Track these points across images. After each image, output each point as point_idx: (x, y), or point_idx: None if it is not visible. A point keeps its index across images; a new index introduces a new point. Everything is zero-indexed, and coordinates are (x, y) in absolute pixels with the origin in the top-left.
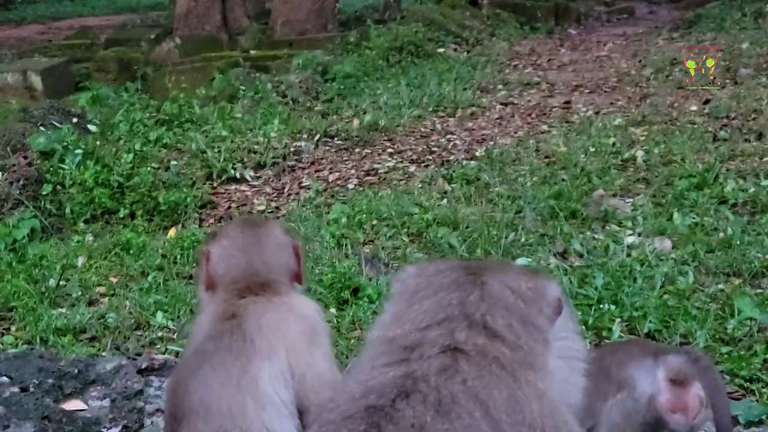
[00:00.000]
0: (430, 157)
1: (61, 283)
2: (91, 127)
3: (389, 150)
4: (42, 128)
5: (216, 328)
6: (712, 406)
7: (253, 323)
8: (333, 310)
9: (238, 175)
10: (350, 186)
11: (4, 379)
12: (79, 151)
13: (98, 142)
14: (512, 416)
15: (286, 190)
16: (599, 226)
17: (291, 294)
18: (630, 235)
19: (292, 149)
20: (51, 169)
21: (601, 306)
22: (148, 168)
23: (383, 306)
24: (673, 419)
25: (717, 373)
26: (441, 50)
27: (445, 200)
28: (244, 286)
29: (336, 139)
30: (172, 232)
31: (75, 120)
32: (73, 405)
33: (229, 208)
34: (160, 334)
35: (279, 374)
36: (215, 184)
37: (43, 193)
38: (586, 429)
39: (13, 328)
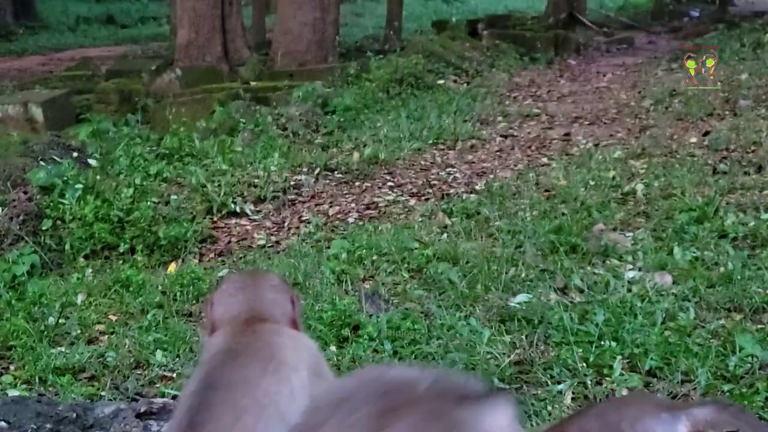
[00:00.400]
0: (430, 191)
1: (60, 321)
2: (92, 162)
3: (389, 183)
4: (42, 163)
5: (235, 341)
6: None
7: (270, 340)
8: (333, 348)
9: (238, 209)
10: (350, 220)
11: (2, 423)
12: (79, 185)
13: (98, 177)
14: None
15: (286, 224)
16: (600, 260)
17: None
18: (630, 269)
19: (292, 183)
20: (51, 204)
21: (602, 343)
22: (148, 202)
23: None
24: None
25: (753, 416)
26: (441, 82)
27: (445, 235)
28: (245, 320)
29: (336, 172)
30: (172, 267)
31: (75, 154)
32: None
33: (230, 242)
34: (159, 372)
35: (304, 386)
36: (215, 219)
37: (43, 228)
38: None
39: (11, 368)
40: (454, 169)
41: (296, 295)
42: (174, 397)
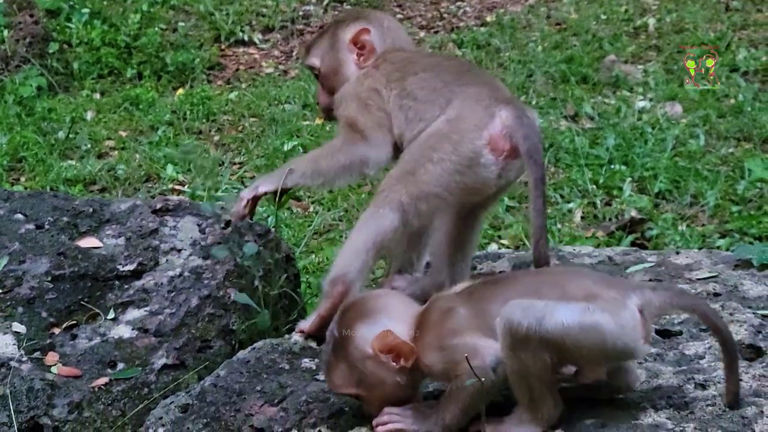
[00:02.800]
0: (440, 24)
1: (70, 136)
2: None
3: (399, 16)
4: None
5: None
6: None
7: None
8: None
9: (246, 38)
10: None
11: (19, 216)
12: (85, 10)
13: (105, 2)
14: None
15: (294, 53)
16: (610, 90)
17: None
18: (641, 100)
19: (300, 13)
20: (58, 27)
21: (612, 166)
22: (156, 29)
23: None
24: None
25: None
26: None
27: None
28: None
29: (345, 3)
30: (180, 92)
31: None
32: (88, 242)
33: (237, 70)
34: (170, 186)
35: None
36: (223, 47)
37: (50, 51)
38: None
39: (22, 179)
40: (464, 3)
41: None
42: (192, 197)
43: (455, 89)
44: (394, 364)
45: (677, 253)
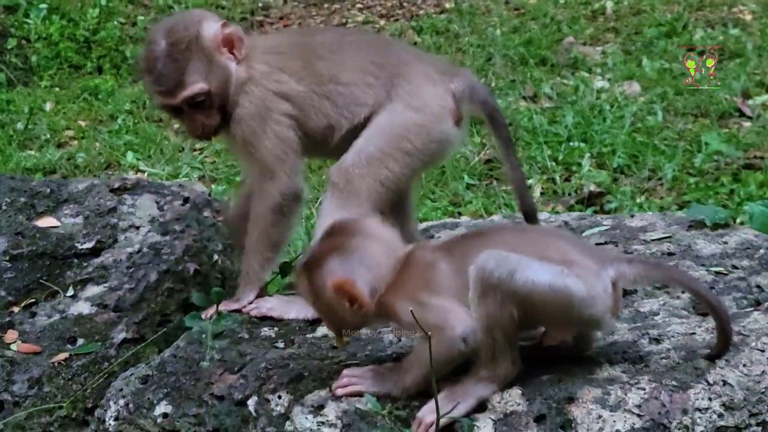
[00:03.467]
0: (400, 12)
1: (29, 126)
2: None
3: (359, 5)
4: None
5: None
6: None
7: None
8: None
9: None
10: None
11: None
12: (43, 5)
13: None
14: None
15: None
16: (569, 72)
17: None
18: (600, 80)
19: (260, 4)
20: (15, 23)
21: (571, 143)
22: (115, 23)
23: None
24: None
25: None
26: None
27: None
28: None
29: None
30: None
31: None
32: (46, 222)
33: None
34: (130, 172)
35: None
36: None
37: (8, 47)
38: None
39: None
40: None
41: None
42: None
43: (393, 70)
44: (348, 306)
45: (632, 216)
